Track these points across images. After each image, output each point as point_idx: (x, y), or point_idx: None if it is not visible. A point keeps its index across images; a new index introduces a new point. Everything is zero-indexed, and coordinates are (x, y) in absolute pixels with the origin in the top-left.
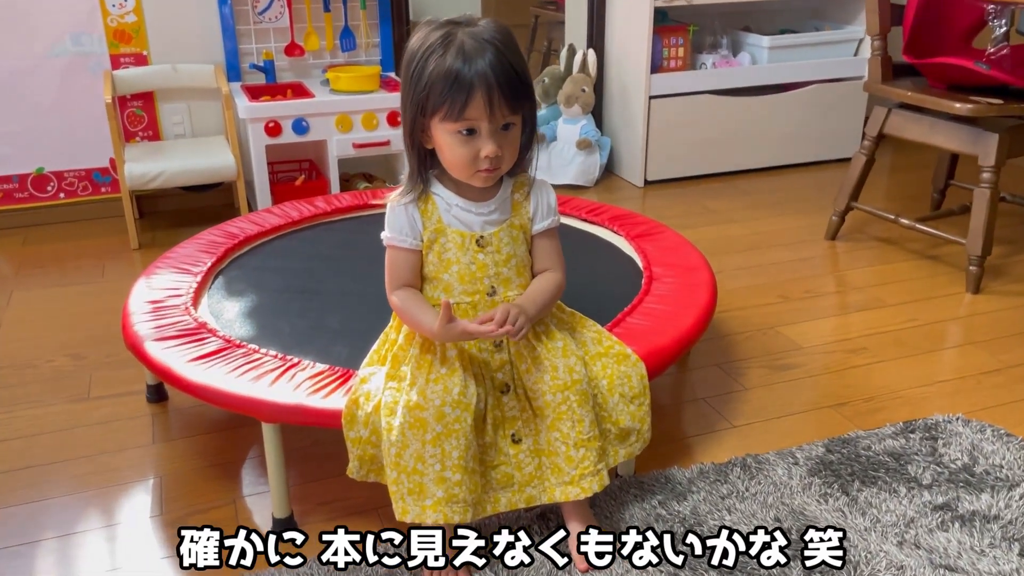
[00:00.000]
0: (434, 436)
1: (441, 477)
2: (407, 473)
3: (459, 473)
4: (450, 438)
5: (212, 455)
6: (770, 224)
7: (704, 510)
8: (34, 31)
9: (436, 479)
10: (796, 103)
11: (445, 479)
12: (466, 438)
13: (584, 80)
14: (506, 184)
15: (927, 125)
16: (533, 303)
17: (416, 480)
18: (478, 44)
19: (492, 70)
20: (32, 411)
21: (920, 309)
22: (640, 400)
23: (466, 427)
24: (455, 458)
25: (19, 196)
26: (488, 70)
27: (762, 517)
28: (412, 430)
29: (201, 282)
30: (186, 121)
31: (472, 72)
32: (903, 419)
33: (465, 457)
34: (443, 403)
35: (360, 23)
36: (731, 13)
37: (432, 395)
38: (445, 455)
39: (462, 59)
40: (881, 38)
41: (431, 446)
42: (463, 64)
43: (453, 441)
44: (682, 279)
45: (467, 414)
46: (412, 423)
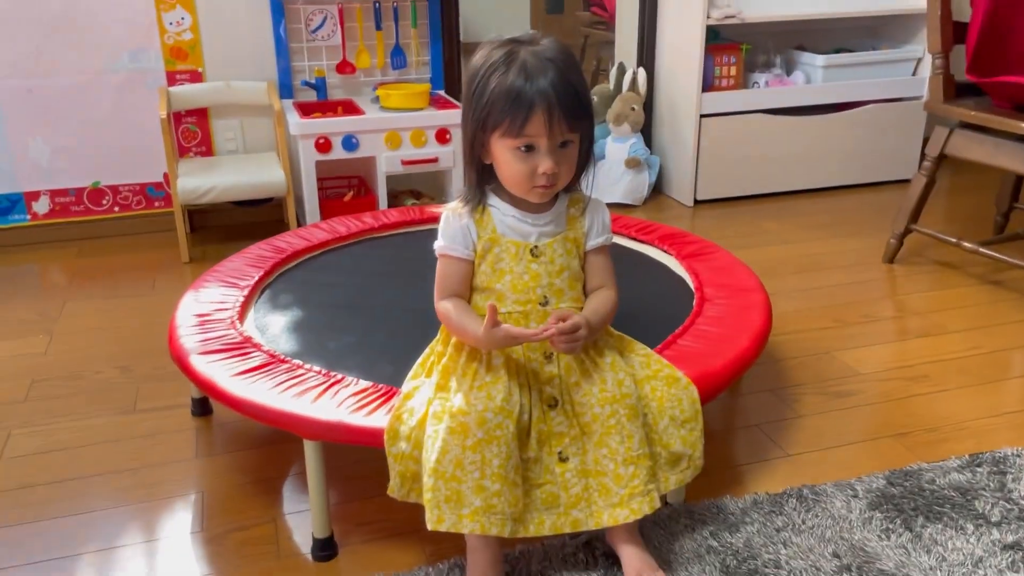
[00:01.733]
0: (475, 442)
1: (480, 486)
2: (445, 480)
3: (499, 483)
4: (491, 445)
5: (254, 471)
6: (825, 246)
7: (758, 543)
8: (93, 47)
9: (475, 487)
10: (852, 123)
11: (484, 488)
12: (507, 447)
13: (634, 99)
14: (562, 199)
15: (991, 146)
16: (598, 320)
17: (454, 487)
18: (540, 63)
19: (553, 88)
20: (78, 422)
21: (984, 336)
22: (691, 425)
23: (508, 435)
24: (495, 466)
25: (75, 209)
26: (549, 88)
27: (820, 552)
28: (453, 435)
29: (248, 296)
30: (238, 137)
31: (533, 90)
32: (969, 451)
33: (506, 467)
34: (485, 408)
35: (411, 41)
36: (785, 32)
37: (475, 400)
38: (485, 462)
39: (524, 77)
40: (943, 56)
41: (471, 452)
42: (524, 82)
43: (494, 448)
44: (735, 300)
45: (509, 421)
46: (454, 428)
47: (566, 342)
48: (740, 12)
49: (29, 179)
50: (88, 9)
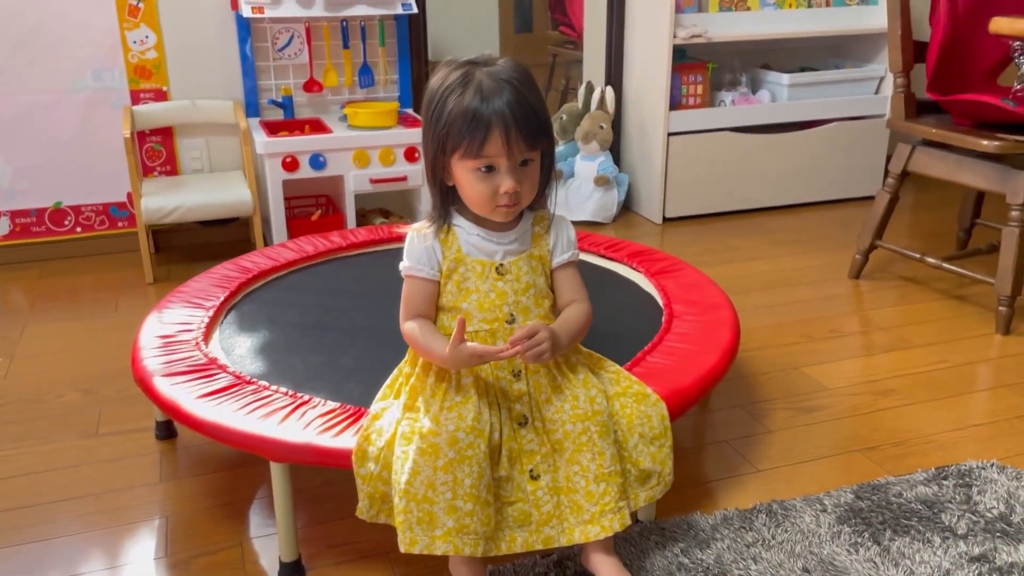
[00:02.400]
0: (446, 463)
1: (452, 506)
2: (416, 501)
3: (471, 503)
4: (463, 465)
5: (219, 495)
6: (792, 262)
7: (729, 559)
8: (56, 67)
9: (447, 508)
10: (816, 141)
11: (456, 508)
12: (479, 466)
13: (602, 117)
14: (527, 217)
15: (953, 162)
16: (567, 330)
17: (426, 509)
18: (496, 83)
19: (509, 108)
20: (40, 447)
21: (949, 350)
22: (661, 441)
23: (479, 454)
24: (467, 486)
25: (36, 230)
26: (505, 108)
27: (790, 567)
28: (424, 456)
29: (213, 317)
30: (204, 156)
31: (489, 110)
32: (935, 465)
33: (478, 487)
34: (457, 428)
35: (379, 60)
36: (750, 51)
37: (446, 421)
38: (457, 483)
39: (480, 98)
40: (904, 75)
41: (443, 473)
42: (481, 103)
43: (466, 468)
44: (704, 317)
45: (481, 441)
46: (424, 449)
47: (528, 349)
48: (706, 31)
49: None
50: (52, 28)
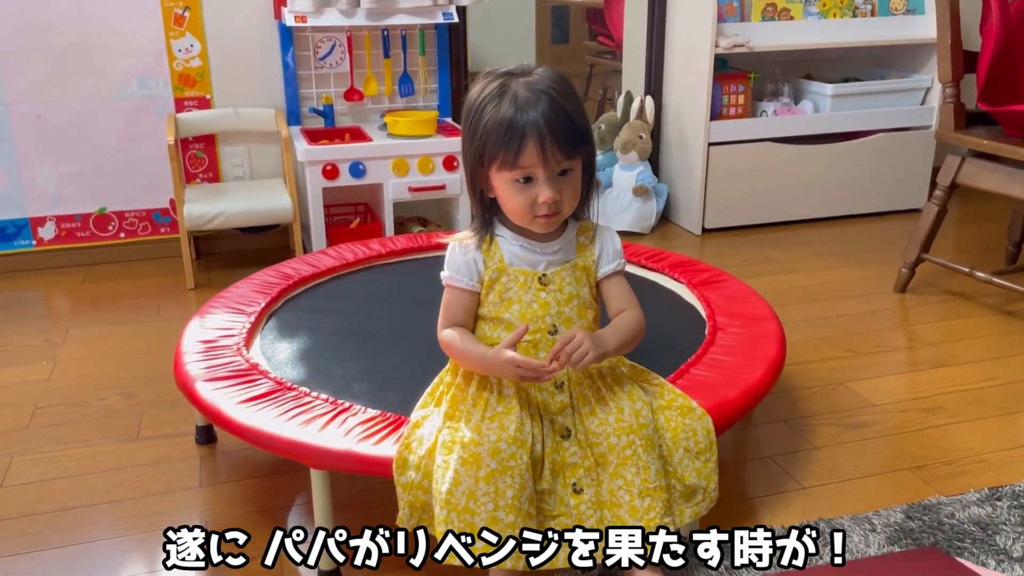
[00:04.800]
0: (488, 473)
1: (494, 518)
2: (458, 511)
3: (513, 515)
4: (504, 476)
5: (258, 500)
6: (835, 275)
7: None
8: (102, 74)
9: (489, 519)
10: (860, 152)
11: (498, 520)
12: (521, 478)
13: (641, 127)
14: (571, 227)
15: (1004, 175)
16: (615, 334)
17: (467, 519)
18: (531, 93)
19: (544, 118)
20: (81, 450)
21: (1000, 367)
22: (706, 456)
23: (521, 466)
24: (509, 498)
25: (81, 235)
26: (540, 118)
27: None
28: (465, 466)
29: (254, 323)
30: (245, 164)
31: (524, 120)
32: (988, 485)
33: (519, 498)
34: (499, 439)
35: (419, 69)
36: (793, 61)
37: (487, 431)
38: (499, 494)
39: (515, 108)
40: (954, 85)
41: (484, 483)
42: (516, 113)
43: (508, 479)
44: (748, 330)
45: (523, 452)
46: (466, 459)
47: (568, 355)
48: (748, 41)
49: (36, 205)
50: (98, 37)
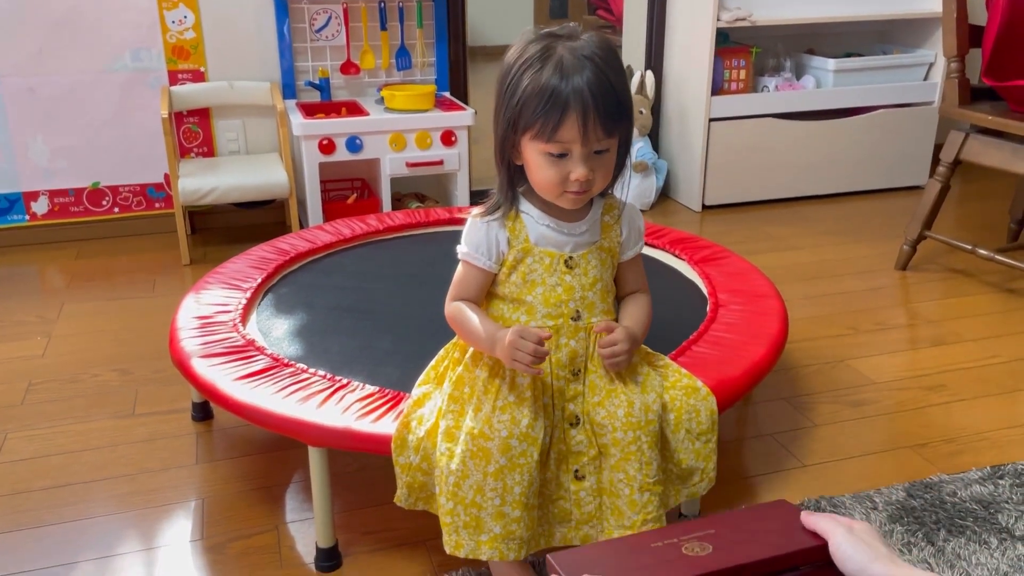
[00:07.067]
0: (497, 469)
1: (500, 512)
2: (464, 505)
3: (519, 510)
4: (513, 472)
5: (255, 478)
6: (836, 252)
7: None
8: (94, 47)
9: (495, 514)
10: (862, 128)
11: (504, 515)
12: (530, 474)
13: (641, 102)
14: (596, 205)
15: (1009, 151)
16: (640, 327)
17: (473, 513)
18: (577, 60)
19: (590, 89)
20: (76, 426)
21: (1001, 345)
22: (707, 437)
23: (531, 462)
24: (516, 494)
25: (74, 210)
26: (585, 89)
27: None
28: (474, 460)
29: (250, 299)
30: (240, 138)
31: (568, 90)
32: (990, 463)
33: (527, 493)
34: (510, 435)
35: (416, 42)
36: (795, 35)
37: (499, 425)
38: (507, 490)
39: (559, 76)
40: (959, 60)
41: (492, 479)
42: (559, 81)
43: (516, 476)
44: (750, 306)
45: (533, 449)
46: (474, 453)
47: (615, 365)
48: (750, 15)
49: (29, 179)
50: (90, 8)
